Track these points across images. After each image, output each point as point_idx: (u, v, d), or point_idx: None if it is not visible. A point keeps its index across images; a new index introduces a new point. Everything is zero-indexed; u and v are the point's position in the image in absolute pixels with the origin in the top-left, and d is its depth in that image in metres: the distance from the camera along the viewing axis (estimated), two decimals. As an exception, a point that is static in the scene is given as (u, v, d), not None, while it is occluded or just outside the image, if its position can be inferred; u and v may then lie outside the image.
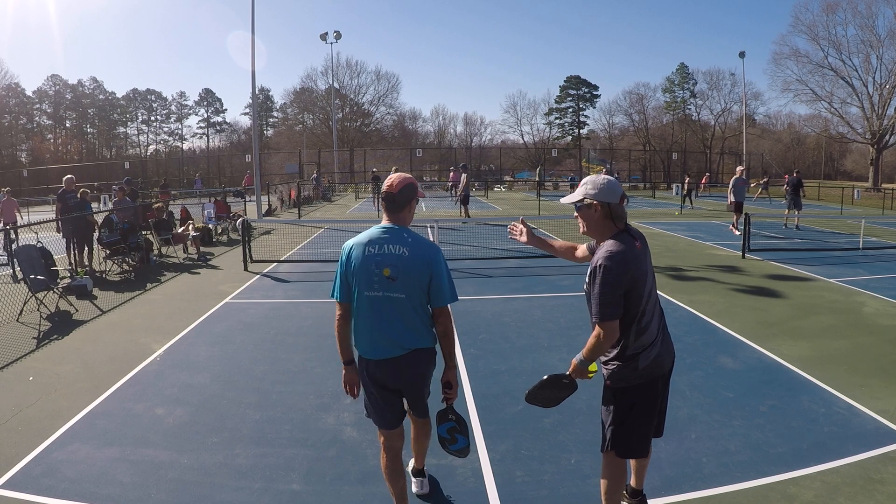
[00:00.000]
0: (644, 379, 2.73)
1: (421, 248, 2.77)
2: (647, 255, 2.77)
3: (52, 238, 9.55)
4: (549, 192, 38.77)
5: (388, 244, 2.77)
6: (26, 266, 7.63)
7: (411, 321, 2.78)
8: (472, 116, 78.99)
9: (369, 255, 2.76)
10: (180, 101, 68.87)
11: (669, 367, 2.85)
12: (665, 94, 62.66)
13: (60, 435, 4.13)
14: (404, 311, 2.76)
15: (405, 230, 2.83)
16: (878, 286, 8.83)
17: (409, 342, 2.79)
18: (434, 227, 12.30)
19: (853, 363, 5.51)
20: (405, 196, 2.83)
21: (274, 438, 4.08)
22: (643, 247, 2.76)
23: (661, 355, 2.77)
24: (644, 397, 2.76)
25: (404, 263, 2.73)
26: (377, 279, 2.74)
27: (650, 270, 2.76)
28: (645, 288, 2.68)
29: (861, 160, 54.76)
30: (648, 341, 2.71)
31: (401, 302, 2.75)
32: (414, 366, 2.83)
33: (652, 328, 2.72)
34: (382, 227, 2.83)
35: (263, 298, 8.41)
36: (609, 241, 2.69)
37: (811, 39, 46.41)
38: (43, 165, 49.92)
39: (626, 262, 2.60)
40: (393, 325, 2.76)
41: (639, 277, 2.65)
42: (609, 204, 2.68)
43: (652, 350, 2.72)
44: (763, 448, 3.89)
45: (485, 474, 3.60)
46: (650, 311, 2.72)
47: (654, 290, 2.77)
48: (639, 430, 2.79)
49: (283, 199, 25.98)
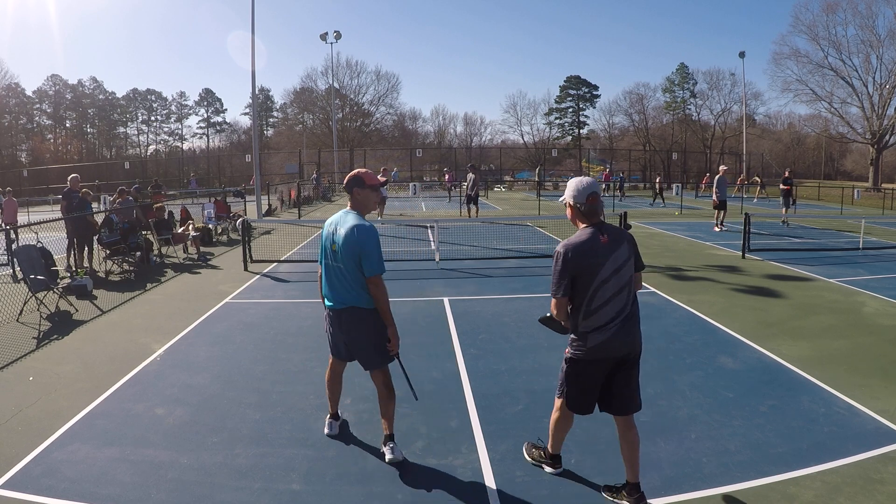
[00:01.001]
0: (592, 357, 3.13)
1: (351, 231, 3.51)
2: (613, 250, 3.08)
3: (52, 238, 9.54)
4: (549, 192, 38.75)
5: (339, 226, 3.61)
6: (26, 266, 7.62)
7: (350, 285, 3.58)
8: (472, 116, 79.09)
9: (328, 234, 3.70)
10: (180, 101, 68.93)
11: (622, 355, 3.15)
12: (665, 94, 62.71)
13: (60, 435, 4.13)
14: (344, 277, 3.58)
15: (352, 214, 3.62)
16: (878, 286, 8.83)
17: (348, 300, 3.61)
18: (434, 226, 12.30)
19: (853, 363, 5.51)
20: (349, 185, 3.69)
21: (274, 438, 4.08)
22: (612, 242, 3.09)
23: (612, 342, 3.10)
24: (588, 374, 3.19)
25: (343, 242, 3.52)
26: (330, 252, 3.65)
27: (615, 263, 3.08)
28: (597, 277, 3.05)
29: (861, 160, 54.75)
30: (597, 325, 3.09)
31: (341, 270, 3.58)
32: (352, 319, 3.64)
33: (603, 314, 3.08)
34: (342, 212, 3.71)
35: (263, 298, 8.41)
36: (576, 233, 3.16)
37: (811, 39, 46.45)
38: (43, 165, 49.92)
39: (575, 252, 3.04)
40: (337, 286, 3.63)
41: (589, 267, 3.04)
42: (577, 204, 3.12)
43: (602, 334, 3.09)
44: (763, 448, 3.89)
45: (485, 474, 3.61)
46: (602, 298, 3.07)
47: (616, 281, 3.08)
48: (580, 396, 3.26)
49: (284, 199, 25.98)
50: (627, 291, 3.13)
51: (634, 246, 3.22)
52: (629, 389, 3.22)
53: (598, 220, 3.15)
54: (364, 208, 3.70)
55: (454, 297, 8.14)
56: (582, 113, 65.93)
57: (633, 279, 3.18)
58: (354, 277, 3.54)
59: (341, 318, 3.67)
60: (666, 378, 5.14)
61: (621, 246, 3.12)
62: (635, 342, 3.18)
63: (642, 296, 8.27)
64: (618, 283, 3.08)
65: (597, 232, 3.09)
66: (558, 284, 3.07)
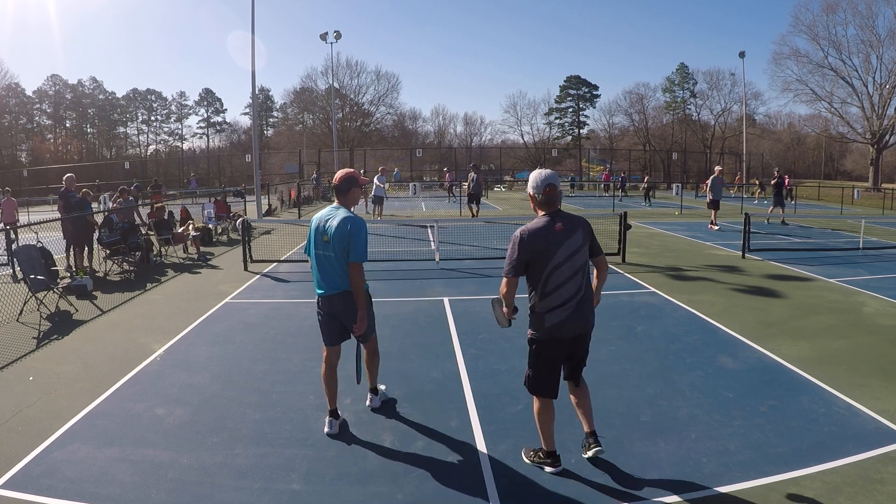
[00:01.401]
0: (549, 337, 3.39)
1: (343, 224, 3.89)
2: (567, 237, 3.33)
3: (52, 238, 9.54)
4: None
5: (330, 220, 3.97)
6: (26, 266, 7.62)
7: (340, 272, 3.95)
8: (472, 116, 79.02)
9: (319, 227, 4.02)
10: (180, 101, 68.94)
11: (576, 334, 3.44)
12: (665, 94, 62.71)
13: (60, 435, 4.13)
14: (335, 265, 3.95)
15: (342, 210, 4.02)
16: (878, 286, 8.83)
17: (339, 286, 3.98)
18: (434, 226, 12.30)
19: (853, 363, 5.51)
20: (345, 185, 4.06)
21: (274, 438, 4.08)
22: (566, 230, 3.35)
23: (567, 323, 3.36)
24: (548, 353, 3.44)
25: (335, 233, 3.90)
26: (321, 243, 3.99)
27: (568, 250, 3.33)
28: (550, 261, 3.30)
29: (861, 160, 54.75)
30: (552, 306, 3.34)
31: (332, 259, 3.95)
32: (344, 302, 4.01)
33: (558, 296, 3.34)
34: (331, 207, 4.09)
35: (263, 298, 8.41)
36: (534, 220, 3.43)
37: (811, 39, 46.48)
38: (43, 165, 49.92)
39: (531, 237, 3.31)
40: (330, 273, 3.99)
41: (542, 251, 3.30)
42: (535, 194, 3.42)
43: (557, 315, 3.35)
44: (763, 448, 3.89)
45: (485, 474, 3.61)
46: (556, 281, 3.32)
47: (569, 265, 3.33)
48: (542, 375, 3.48)
49: (284, 199, 25.98)
50: (581, 275, 3.39)
51: (590, 233, 3.46)
52: (581, 359, 3.61)
53: (554, 209, 3.41)
54: (353, 204, 4.14)
55: (454, 297, 8.14)
56: (582, 113, 65.94)
57: (587, 264, 3.45)
58: (345, 265, 3.94)
59: (334, 302, 4.05)
60: (666, 378, 5.14)
61: (576, 233, 3.37)
62: (588, 322, 3.47)
63: (642, 296, 8.28)
64: (571, 267, 3.34)
65: (552, 220, 3.35)
66: (511, 265, 3.35)
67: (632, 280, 9.36)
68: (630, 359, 5.65)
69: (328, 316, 4.11)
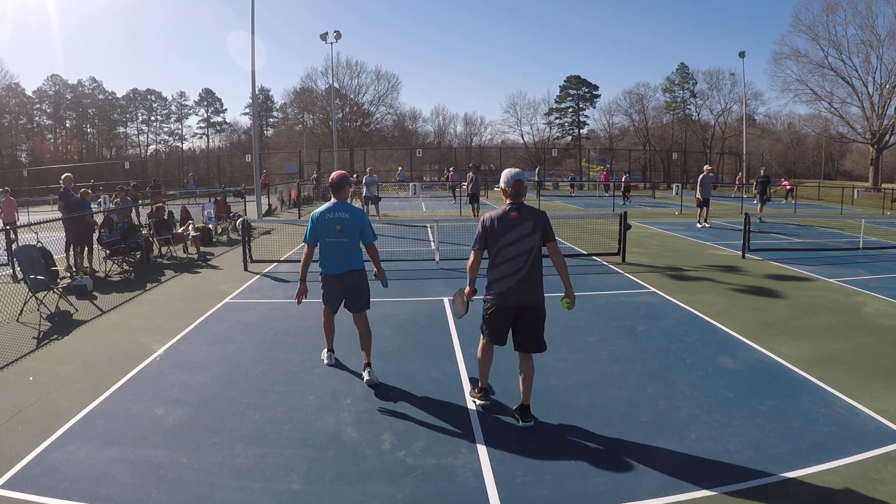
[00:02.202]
0: (496, 302, 4.14)
1: (355, 214, 4.98)
2: (518, 224, 4.05)
3: (52, 238, 9.53)
4: (549, 192, 38.76)
5: (337, 212, 4.93)
6: (26, 266, 7.62)
7: (351, 254, 4.97)
8: (472, 116, 78.77)
9: (329, 219, 4.91)
10: (180, 101, 68.81)
11: (519, 305, 4.10)
12: (665, 94, 62.57)
13: (60, 435, 4.13)
14: (348, 249, 4.95)
15: (345, 203, 5.02)
16: (878, 286, 8.83)
17: (349, 265, 4.98)
18: (434, 226, 12.29)
19: (853, 363, 5.51)
20: (340, 183, 5.03)
21: (274, 438, 4.08)
22: (520, 219, 4.06)
23: (509, 294, 4.08)
24: (495, 314, 4.17)
25: (347, 222, 4.90)
26: (332, 231, 4.89)
27: (517, 234, 4.04)
28: (500, 240, 4.06)
29: (861, 160, 54.72)
30: (498, 277, 4.11)
31: (345, 244, 4.92)
32: (352, 278, 5.01)
33: (502, 269, 4.08)
34: (332, 203, 5.01)
35: (263, 298, 8.41)
36: (499, 207, 4.20)
37: (811, 39, 46.37)
38: (43, 165, 49.87)
39: (490, 220, 4.14)
40: (341, 256, 4.95)
41: (496, 232, 4.08)
42: (506, 187, 4.18)
43: (501, 285, 4.10)
44: (763, 448, 3.89)
45: (485, 474, 3.61)
46: (503, 257, 4.06)
47: (516, 247, 4.03)
48: (489, 326, 4.23)
49: (284, 199, 25.98)
50: (526, 257, 4.05)
51: (543, 224, 4.10)
52: (529, 334, 4.16)
53: (518, 200, 4.14)
54: (346, 198, 5.09)
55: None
56: (582, 113, 65.82)
57: (535, 250, 4.07)
58: (355, 247, 4.98)
59: (342, 279, 5.00)
60: (666, 378, 5.15)
61: (526, 222, 4.07)
62: (530, 299, 4.10)
63: (642, 295, 8.28)
64: (518, 248, 4.04)
65: (511, 209, 4.11)
66: (475, 240, 4.18)
67: (632, 280, 9.36)
68: (630, 359, 5.65)
69: (333, 289, 5.07)
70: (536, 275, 4.11)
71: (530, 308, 4.12)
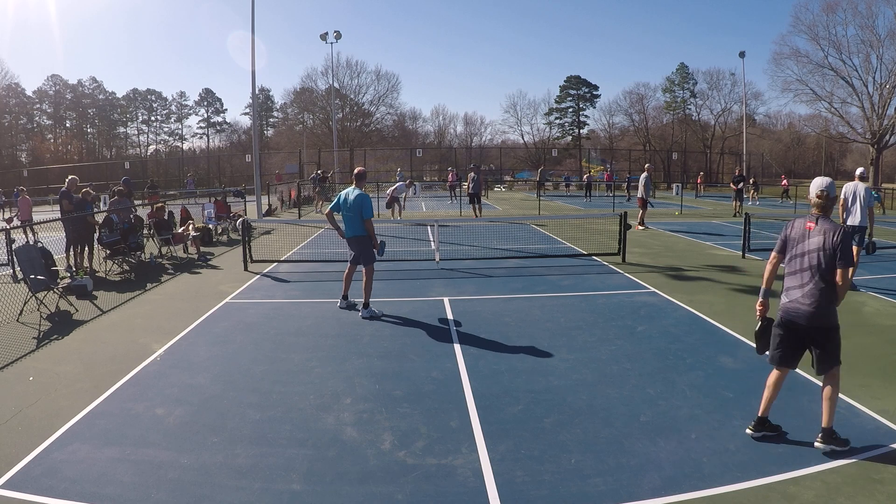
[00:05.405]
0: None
1: (359, 197, 7.14)
2: (815, 236, 3.99)
3: (52, 238, 9.53)
4: (549, 192, 38.76)
5: (350, 195, 7.19)
6: (26, 266, 7.62)
7: (357, 224, 7.17)
8: (472, 116, 79.08)
9: (344, 197, 7.25)
10: (180, 101, 68.91)
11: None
12: (665, 94, 62.68)
13: (60, 435, 4.13)
14: (354, 219, 7.17)
15: (357, 189, 7.24)
16: (878, 286, 8.83)
17: (357, 231, 7.22)
18: (434, 226, 12.29)
19: (853, 363, 5.50)
20: (360, 175, 7.51)
21: (274, 438, 4.08)
22: (817, 231, 3.99)
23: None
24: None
25: (353, 203, 7.13)
26: (346, 206, 7.19)
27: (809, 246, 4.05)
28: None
29: (861, 160, 54.62)
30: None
31: (351, 217, 7.17)
32: (360, 242, 7.26)
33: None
34: (351, 188, 7.29)
35: (263, 298, 8.41)
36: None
37: (811, 39, 46.30)
38: (43, 165, 49.90)
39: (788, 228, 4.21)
40: (351, 224, 7.22)
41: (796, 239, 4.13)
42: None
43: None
44: (763, 448, 3.89)
45: (485, 474, 3.60)
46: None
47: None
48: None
49: (284, 199, 25.98)
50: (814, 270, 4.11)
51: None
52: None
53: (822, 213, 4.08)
54: (363, 186, 7.39)
55: (454, 297, 8.14)
56: (582, 113, 65.95)
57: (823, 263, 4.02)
58: (358, 220, 7.14)
59: (352, 241, 7.30)
60: (666, 378, 5.15)
61: (821, 235, 4.07)
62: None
63: (642, 295, 8.28)
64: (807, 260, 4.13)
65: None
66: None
67: (632, 280, 9.36)
68: (630, 359, 5.65)
69: (350, 247, 7.36)
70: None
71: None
